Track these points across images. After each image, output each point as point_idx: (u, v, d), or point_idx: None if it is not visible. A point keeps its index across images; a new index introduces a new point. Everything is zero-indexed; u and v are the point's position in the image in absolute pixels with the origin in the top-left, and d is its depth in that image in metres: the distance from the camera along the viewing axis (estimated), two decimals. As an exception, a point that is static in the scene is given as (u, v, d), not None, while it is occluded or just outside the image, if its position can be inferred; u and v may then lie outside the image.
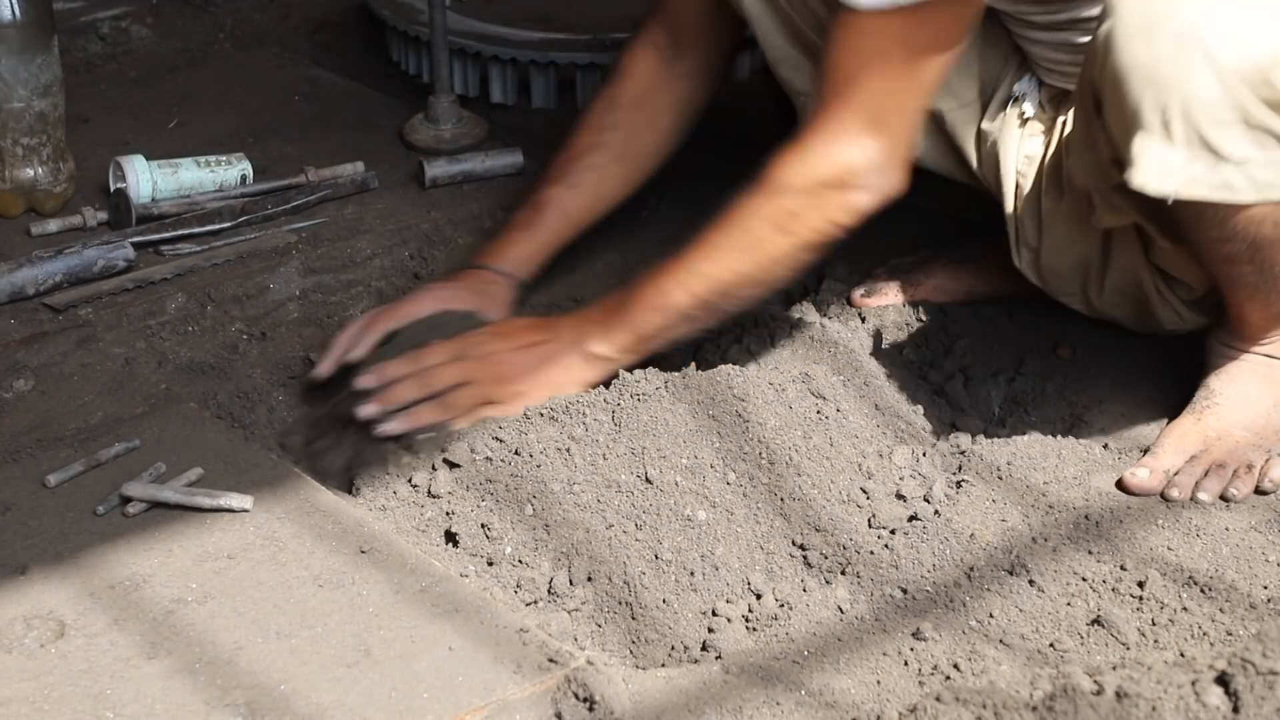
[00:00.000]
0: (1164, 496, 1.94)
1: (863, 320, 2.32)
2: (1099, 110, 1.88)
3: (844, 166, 1.92)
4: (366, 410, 1.97)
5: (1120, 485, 1.96)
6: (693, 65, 2.31)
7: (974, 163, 2.21)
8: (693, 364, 2.04)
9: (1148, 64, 1.77)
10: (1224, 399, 2.03)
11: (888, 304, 2.34)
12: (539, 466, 1.91)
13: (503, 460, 1.92)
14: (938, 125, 2.22)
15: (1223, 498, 1.94)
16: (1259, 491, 1.95)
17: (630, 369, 1.99)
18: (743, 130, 2.85)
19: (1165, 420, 2.08)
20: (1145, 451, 2.03)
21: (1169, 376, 2.16)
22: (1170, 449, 2.00)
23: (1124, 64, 1.79)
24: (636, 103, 2.30)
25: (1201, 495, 1.93)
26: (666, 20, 2.29)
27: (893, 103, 1.91)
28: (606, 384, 2.00)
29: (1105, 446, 2.06)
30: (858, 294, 2.35)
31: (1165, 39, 1.76)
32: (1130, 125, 1.81)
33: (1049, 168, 2.13)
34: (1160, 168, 1.80)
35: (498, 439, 1.94)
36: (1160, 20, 1.77)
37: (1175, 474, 1.96)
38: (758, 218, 1.95)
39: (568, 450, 1.92)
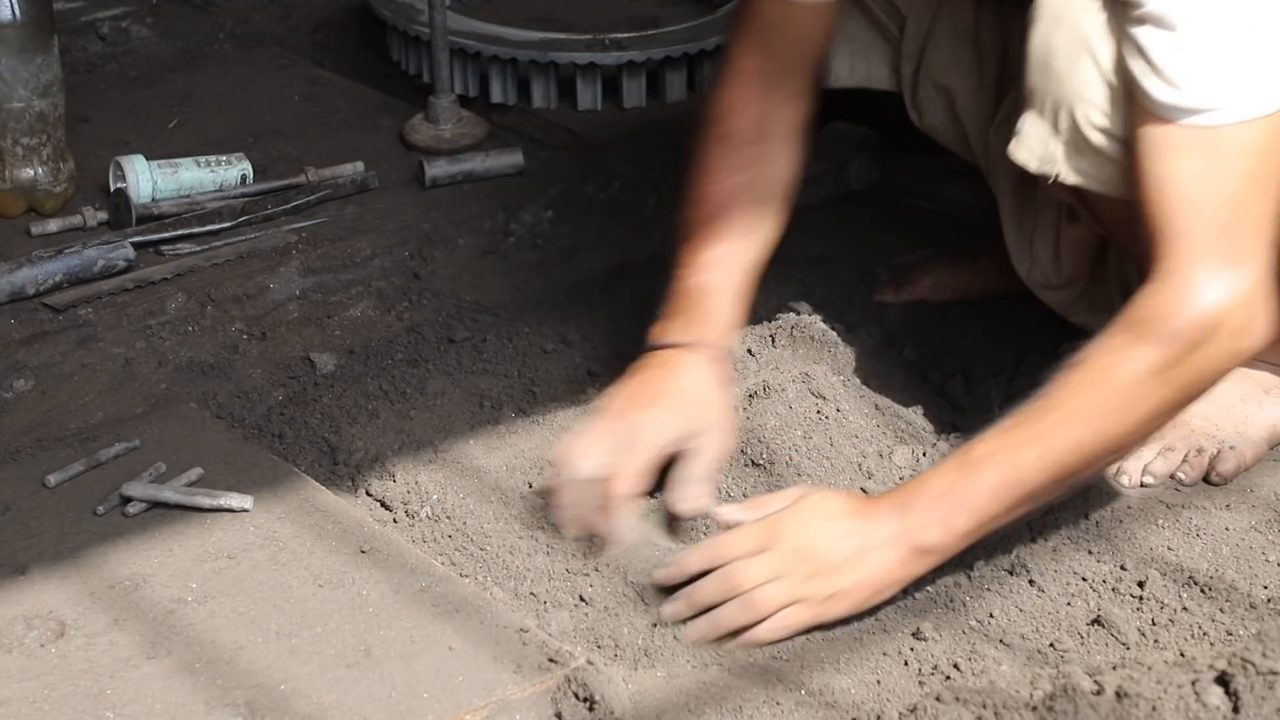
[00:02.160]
0: (1115, 480, 1.98)
1: (863, 320, 2.33)
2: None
3: (1212, 307, 1.70)
4: (670, 610, 1.75)
5: None
6: (797, 85, 2.11)
7: (982, 160, 2.20)
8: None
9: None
10: None
11: (890, 300, 2.34)
12: (539, 467, 1.91)
13: (503, 460, 1.92)
14: (947, 103, 2.22)
15: (1172, 478, 1.99)
16: (1208, 482, 1.99)
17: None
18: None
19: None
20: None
21: (1169, 376, 2.16)
22: None
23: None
24: (757, 135, 2.08)
25: (1146, 478, 1.99)
26: (763, 48, 2.09)
27: (1248, 223, 1.71)
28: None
29: (1105, 446, 2.06)
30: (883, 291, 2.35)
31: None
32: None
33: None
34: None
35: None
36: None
37: None
38: (1129, 370, 1.72)
39: (567, 450, 1.92)
